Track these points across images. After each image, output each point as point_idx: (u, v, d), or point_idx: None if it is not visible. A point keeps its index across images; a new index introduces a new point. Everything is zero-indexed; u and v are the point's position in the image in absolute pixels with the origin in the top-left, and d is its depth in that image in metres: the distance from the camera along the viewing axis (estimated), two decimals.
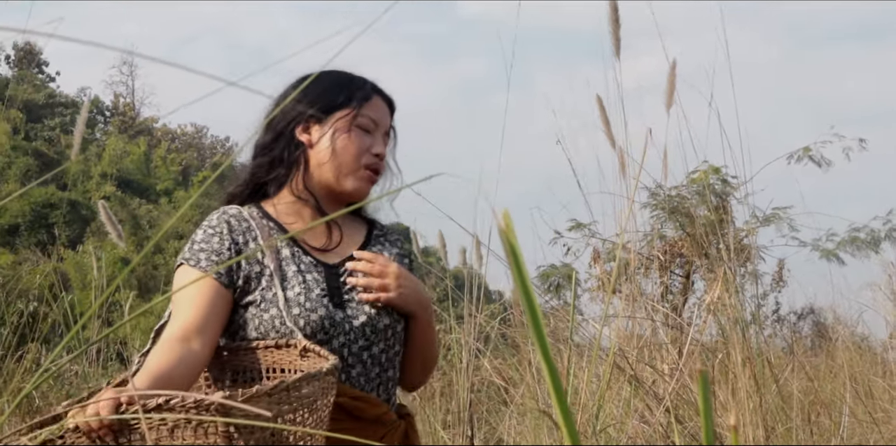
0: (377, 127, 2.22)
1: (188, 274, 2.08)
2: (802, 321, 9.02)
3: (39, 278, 6.00)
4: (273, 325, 2.04)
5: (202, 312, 2.01)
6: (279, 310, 2.04)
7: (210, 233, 2.13)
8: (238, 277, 2.08)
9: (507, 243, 0.44)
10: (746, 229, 6.59)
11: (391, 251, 2.26)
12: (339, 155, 2.17)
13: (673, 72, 4.11)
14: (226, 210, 2.17)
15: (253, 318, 2.06)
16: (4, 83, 46.43)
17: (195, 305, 2.02)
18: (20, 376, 4.52)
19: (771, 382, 3.19)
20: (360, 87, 2.23)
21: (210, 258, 2.09)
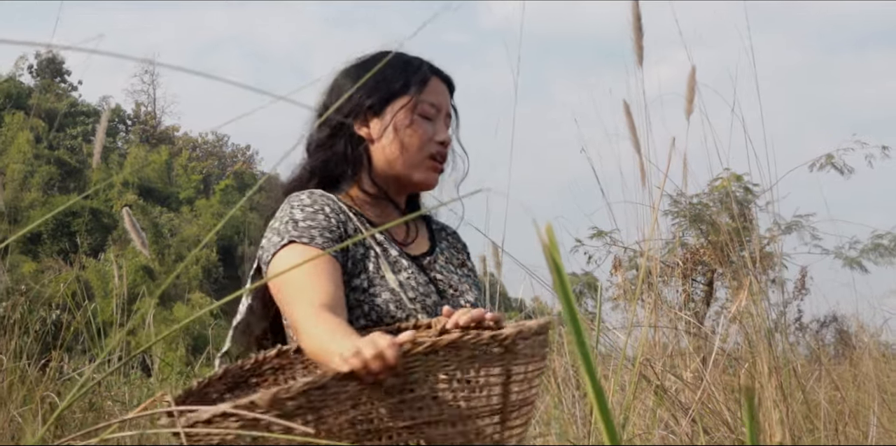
0: (438, 112, 2.13)
1: (303, 251, 1.92)
2: (825, 329, 8.98)
3: (63, 287, 6.02)
4: (388, 310, 1.95)
5: (333, 288, 1.87)
6: (392, 294, 1.96)
7: (310, 211, 1.99)
8: (347, 259, 1.98)
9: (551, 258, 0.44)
10: (769, 237, 6.56)
11: (456, 247, 2.23)
12: (405, 148, 2.08)
13: (692, 79, 4.10)
14: (313, 191, 2.05)
15: (361, 304, 1.95)
16: (27, 92, 46.76)
17: (327, 279, 1.87)
18: (44, 385, 4.54)
19: (797, 391, 3.17)
20: (417, 71, 2.13)
21: (324, 235, 1.94)
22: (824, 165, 8.65)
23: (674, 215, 8.52)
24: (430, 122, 2.11)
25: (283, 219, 1.98)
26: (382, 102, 2.09)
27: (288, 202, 2.02)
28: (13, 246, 4.92)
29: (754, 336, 3.22)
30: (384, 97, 2.09)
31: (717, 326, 8.06)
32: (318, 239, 1.93)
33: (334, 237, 1.96)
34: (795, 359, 3.45)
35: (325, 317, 1.78)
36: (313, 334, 1.77)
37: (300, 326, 1.82)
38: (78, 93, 55.31)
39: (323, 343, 1.72)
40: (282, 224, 1.97)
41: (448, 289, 2.05)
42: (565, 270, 0.43)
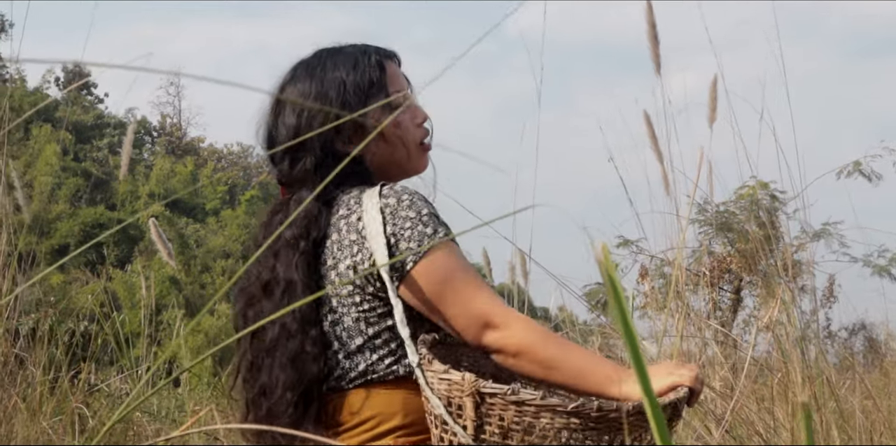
0: (406, 94, 2.10)
1: (458, 250, 1.92)
2: (854, 337, 8.92)
3: (92, 298, 6.05)
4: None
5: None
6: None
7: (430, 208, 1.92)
8: None
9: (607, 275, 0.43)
10: (797, 245, 6.52)
11: None
12: (398, 148, 2.06)
13: (714, 87, 4.09)
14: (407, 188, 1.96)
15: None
16: (54, 105, 47.13)
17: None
18: (75, 396, 4.55)
19: (830, 400, 3.14)
20: (369, 64, 2.05)
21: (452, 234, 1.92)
22: (852, 172, 8.60)
23: (700, 223, 8.49)
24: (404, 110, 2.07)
25: (420, 210, 1.89)
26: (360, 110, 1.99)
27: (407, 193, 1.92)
28: (41, 258, 4.97)
29: (787, 345, 3.20)
30: (356, 109, 1.99)
31: (744, 334, 8.01)
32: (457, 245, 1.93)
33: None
34: (828, 369, 3.42)
35: (544, 327, 1.82)
36: (554, 341, 1.80)
37: (512, 322, 1.80)
38: (104, 105, 55.70)
39: (589, 360, 1.78)
40: (422, 215, 1.89)
41: None
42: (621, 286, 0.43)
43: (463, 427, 1.61)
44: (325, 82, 2.04)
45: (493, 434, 1.59)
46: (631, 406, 1.57)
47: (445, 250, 1.88)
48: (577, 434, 1.55)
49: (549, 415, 1.56)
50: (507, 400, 1.58)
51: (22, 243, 4.02)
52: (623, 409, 1.56)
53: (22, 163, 35.44)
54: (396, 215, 1.88)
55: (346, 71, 2.04)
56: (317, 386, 1.92)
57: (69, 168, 40.23)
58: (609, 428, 1.57)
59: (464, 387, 1.61)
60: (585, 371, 1.74)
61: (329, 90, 2.03)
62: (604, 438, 1.57)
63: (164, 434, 5.16)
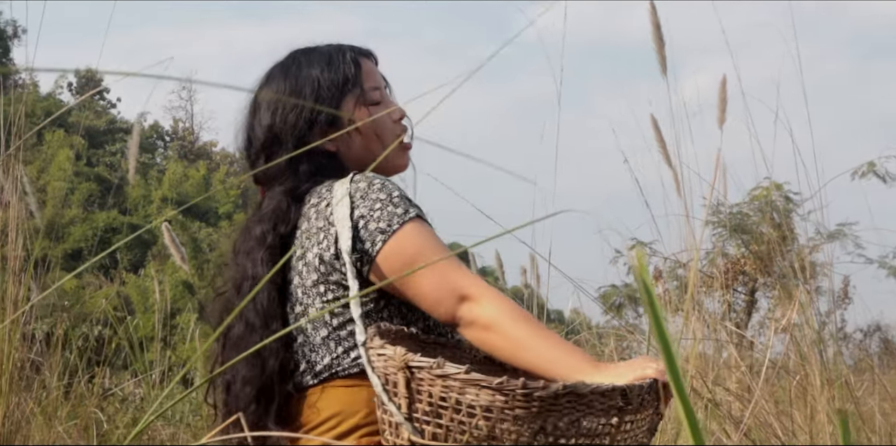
0: (381, 91, 2.08)
1: (431, 229, 1.86)
2: (869, 338, 8.88)
3: (105, 302, 6.06)
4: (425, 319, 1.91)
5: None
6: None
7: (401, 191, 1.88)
8: None
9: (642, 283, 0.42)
10: (810, 246, 6.49)
11: None
12: (374, 144, 2.03)
13: (723, 88, 4.08)
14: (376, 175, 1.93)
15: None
16: (67, 110, 47.27)
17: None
18: (90, 401, 4.56)
19: (848, 402, 3.12)
20: (344, 62, 2.04)
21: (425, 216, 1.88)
22: (866, 173, 8.56)
23: (714, 225, 8.46)
24: (381, 105, 2.05)
25: (390, 193, 1.86)
26: (334, 106, 2.00)
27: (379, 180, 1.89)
28: (54, 262, 4.98)
29: (806, 348, 3.18)
30: (332, 105, 2.00)
31: (759, 336, 7.98)
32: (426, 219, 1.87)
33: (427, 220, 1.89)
34: (847, 372, 3.40)
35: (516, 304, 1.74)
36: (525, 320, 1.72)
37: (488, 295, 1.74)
38: (117, 110, 55.88)
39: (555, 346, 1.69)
40: (393, 197, 1.85)
41: None
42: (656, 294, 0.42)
43: (398, 406, 1.55)
44: (300, 80, 2.03)
45: (425, 412, 1.53)
46: (561, 386, 1.47)
47: (417, 228, 1.82)
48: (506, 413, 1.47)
49: (473, 391, 1.48)
50: (433, 375, 1.50)
51: (38, 249, 4.02)
52: (552, 389, 1.46)
53: (35, 168, 35.58)
54: (367, 198, 1.85)
55: (320, 68, 2.03)
56: (278, 382, 1.87)
57: (82, 173, 40.36)
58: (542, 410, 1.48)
59: (396, 362, 1.55)
60: (555, 357, 1.67)
61: (304, 87, 2.01)
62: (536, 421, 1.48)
63: (179, 439, 5.16)
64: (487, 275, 11.19)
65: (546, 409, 1.48)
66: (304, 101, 1.99)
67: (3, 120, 4.01)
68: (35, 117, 44.75)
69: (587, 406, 1.49)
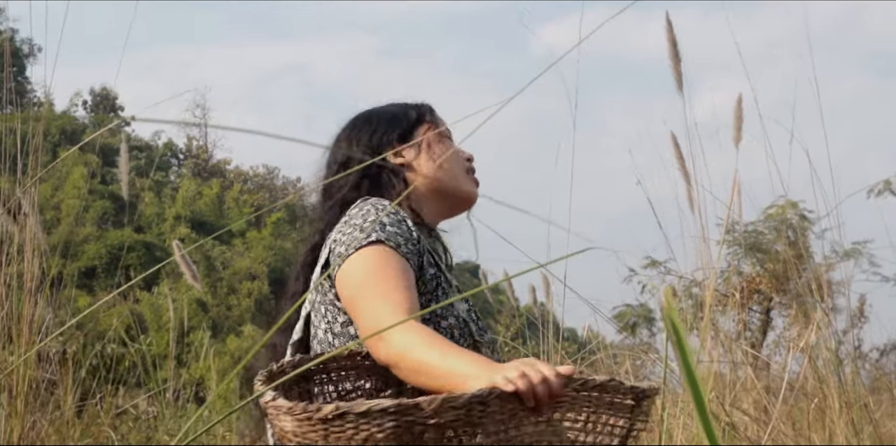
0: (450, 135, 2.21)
1: (389, 255, 1.83)
2: (885, 357, 8.81)
3: (117, 321, 6.07)
4: (451, 334, 1.90)
5: (414, 297, 1.80)
6: (456, 321, 1.92)
7: (396, 218, 1.92)
8: (420, 275, 1.91)
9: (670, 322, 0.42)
10: (826, 264, 6.46)
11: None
12: (447, 165, 2.12)
13: (738, 107, 4.07)
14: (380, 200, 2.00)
15: (426, 324, 1.86)
16: (82, 128, 47.48)
17: (409, 288, 1.81)
18: (102, 419, 4.55)
19: (867, 425, 3.09)
20: (420, 105, 2.23)
21: (408, 245, 1.88)
22: (882, 191, 8.52)
23: (729, 244, 8.43)
24: (450, 142, 2.17)
25: (367, 218, 1.90)
26: (407, 132, 2.14)
27: (371, 204, 1.95)
28: (68, 280, 5.01)
29: (824, 369, 3.15)
30: (406, 128, 2.15)
31: (774, 356, 7.93)
32: (404, 248, 1.86)
33: (415, 250, 1.89)
34: (866, 394, 3.36)
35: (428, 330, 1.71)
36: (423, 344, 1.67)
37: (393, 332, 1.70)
38: (131, 127, 56.09)
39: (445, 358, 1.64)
40: (366, 222, 1.89)
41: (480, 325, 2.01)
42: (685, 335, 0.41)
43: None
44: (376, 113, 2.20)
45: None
46: (334, 407, 1.39)
47: (368, 253, 1.84)
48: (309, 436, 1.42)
49: (286, 418, 1.46)
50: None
51: (53, 269, 4.03)
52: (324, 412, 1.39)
53: (50, 186, 35.69)
54: (348, 222, 1.93)
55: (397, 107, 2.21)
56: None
57: (96, 191, 40.49)
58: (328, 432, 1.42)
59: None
60: (448, 371, 1.61)
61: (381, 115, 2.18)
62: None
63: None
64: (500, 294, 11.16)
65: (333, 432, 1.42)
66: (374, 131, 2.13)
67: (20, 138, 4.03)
68: (51, 136, 44.95)
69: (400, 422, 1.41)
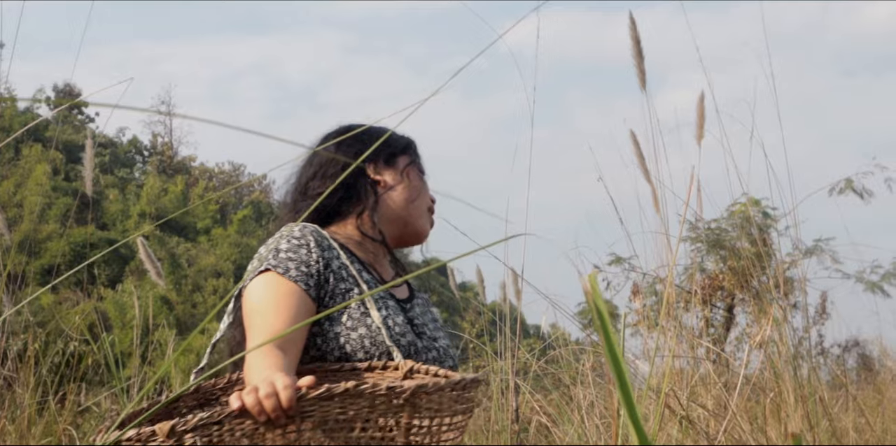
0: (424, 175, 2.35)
1: (275, 281, 2.00)
2: (847, 353, 8.90)
3: (78, 318, 6.01)
4: (362, 345, 2.00)
5: (292, 322, 1.94)
6: (368, 330, 2.01)
7: (296, 243, 2.06)
8: (325, 293, 2.05)
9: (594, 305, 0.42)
10: (789, 262, 6.51)
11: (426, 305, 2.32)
12: (417, 199, 2.28)
13: (701, 105, 4.10)
14: (306, 225, 2.13)
15: (337, 337, 2.01)
16: (45, 124, 47.07)
17: (286, 314, 1.96)
18: (64, 417, 4.52)
19: (822, 419, 3.12)
20: (405, 139, 2.35)
21: (300, 268, 2.02)
22: (843, 189, 8.59)
23: (692, 241, 8.48)
24: (423, 185, 2.33)
25: (269, 246, 2.07)
26: (392, 156, 2.28)
27: (280, 232, 2.11)
28: (31, 278, 4.97)
29: (781, 364, 3.18)
30: (392, 152, 2.29)
31: (737, 352, 7.99)
32: (293, 271, 2.01)
33: (310, 272, 2.03)
34: (821, 388, 3.40)
35: (269, 351, 1.84)
36: (251, 365, 1.83)
37: (248, 356, 1.87)
38: (95, 124, 55.65)
39: (250, 377, 1.78)
40: (267, 251, 2.06)
41: (424, 331, 2.14)
42: (608, 316, 0.42)
43: None
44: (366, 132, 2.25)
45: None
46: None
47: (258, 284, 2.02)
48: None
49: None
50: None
51: (10, 264, 3.99)
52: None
53: (12, 183, 35.36)
54: (259, 251, 2.11)
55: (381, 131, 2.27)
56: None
57: (59, 188, 40.14)
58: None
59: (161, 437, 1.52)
60: (250, 378, 1.78)
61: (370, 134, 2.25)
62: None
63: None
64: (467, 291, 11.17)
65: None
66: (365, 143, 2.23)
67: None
68: (13, 132, 44.47)
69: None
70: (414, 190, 2.27)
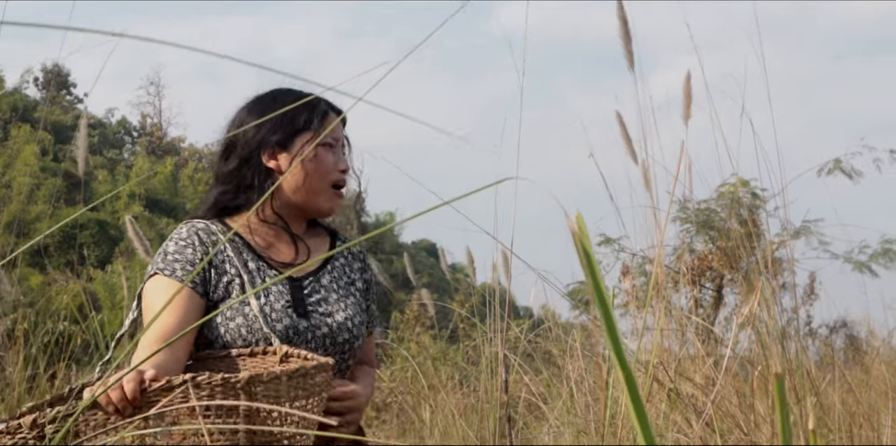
0: (336, 142, 2.34)
1: (162, 283, 2.18)
2: (835, 334, 8.94)
3: (66, 298, 6.01)
4: (239, 334, 2.15)
5: (179, 319, 2.10)
6: (245, 319, 2.15)
7: (182, 244, 2.22)
8: (212, 287, 2.20)
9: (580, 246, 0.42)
10: (778, 242, 6.53)
11: (351, 266, 2.39)
12: (310, 178, 2.29)
13: (688, 85, 4.10)
14: (194, 223, 2.27)
15: (219, 326, 2.16)
16: (33, 105, 46.86)
17: (172, 312, 2.11)
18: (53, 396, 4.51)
19: (809, 394, 3.14)
20: (315, 108, 2.33)
21: (185, 268, 2.18)
22: (832, 170, 8.62)
23: (682, 221, 8.50)
24: (331, 153, 2.32)
25: (161, 249, 2.25)
26: (288, 137, 2.29)
27: (171, 236, 2.26)
28: (21, 258, 4.97)
29: (767, 338, 3.20)
30: (289, 133, 2.29)
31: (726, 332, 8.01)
32: (179, 272, 2.18)
33: (193, 269, 2.18)
34: (808, 362, 3.42)
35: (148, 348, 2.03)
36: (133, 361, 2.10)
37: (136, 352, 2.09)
38: (83, 105, 55.46)
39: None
40: (157, 255, 2.24)
41: (317, 309, 2.23)
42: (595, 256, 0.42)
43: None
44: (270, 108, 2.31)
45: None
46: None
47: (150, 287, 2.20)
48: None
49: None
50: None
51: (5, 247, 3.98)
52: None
53: (1, 163, 35.23)
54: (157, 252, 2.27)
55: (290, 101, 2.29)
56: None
57: (48, 168, 40.01)
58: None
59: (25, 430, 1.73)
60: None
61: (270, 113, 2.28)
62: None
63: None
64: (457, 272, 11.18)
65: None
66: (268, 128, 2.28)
67: None
68: (1, 112, 44.28)
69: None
70: (308, 171, 2.29)
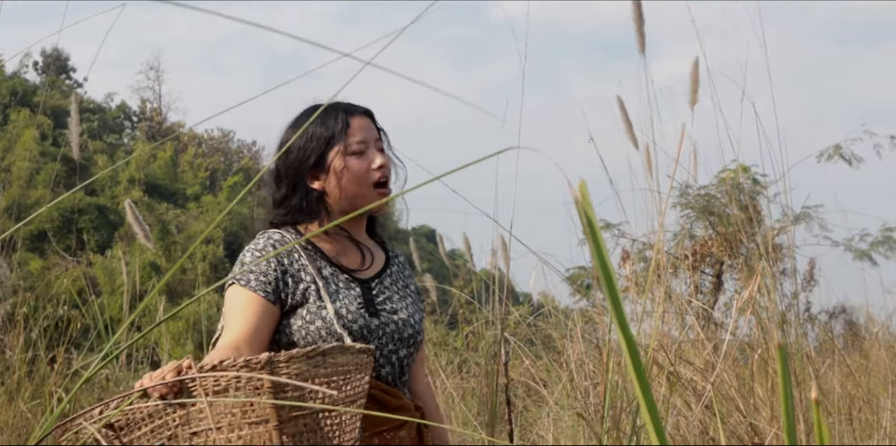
0: (367, 143, 2.48)
1: (238, 292, 2.35)
2: (834, 320, 8.93)
3: (66, 282, 6.01)
4: (320, 335, 2.34)
5: (250, 325, 2.30)
6: (324, 322, 2.35)
7: (257, 255, 2.41)
8: (287, 295, 2.38)
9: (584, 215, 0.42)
10: (778, 228, 6.52)
11: (403, 272, 2.60)
12: (347, 188, 2.44)
13: (695, 70, 4.10)
14: (270, 235, 2.45)
15: (300, 329, 2.36)
16: (33, 89, 46.78)
17: (245, 319, 2.31)
18: (52, 380, 4.53)
19: (809, 378, 3.14)
20: (336, 119, 2.48)
21: (258, 279, 2.35)
22: (832, 156, 8.58)
23: (682, 207, 8.47)
24: (363, 156, 2.47)
25: (239, 258, 2.44)
26: (321, 157, 2.45)
27: (248, 247, 2.44)
28: (20, 243, 4.98)
29: (767, 322, 3.20)
30: (320, 152, 2.46)
31: (725, 318, 8.01)
32: (253, 282, 2.35)
33: (268, 280, 2.36)
34: (808, 346, 3.43)
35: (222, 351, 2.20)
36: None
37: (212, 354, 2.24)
38: (83, 89, 55.38)
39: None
40: (237, 263, 2.43)
41: (384, 308, 2.45)
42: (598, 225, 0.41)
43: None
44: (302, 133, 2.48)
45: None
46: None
47: (230, 294, 2.37)
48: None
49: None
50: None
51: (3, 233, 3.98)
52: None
53: (0, 148, 35.19)
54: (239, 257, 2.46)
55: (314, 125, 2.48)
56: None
57: (47, 153, 39.97)
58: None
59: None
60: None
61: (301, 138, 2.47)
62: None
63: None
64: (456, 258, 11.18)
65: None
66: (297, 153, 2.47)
67: None
68: (1, 97, 44.20)
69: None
70: (343, 183, 2.45)
